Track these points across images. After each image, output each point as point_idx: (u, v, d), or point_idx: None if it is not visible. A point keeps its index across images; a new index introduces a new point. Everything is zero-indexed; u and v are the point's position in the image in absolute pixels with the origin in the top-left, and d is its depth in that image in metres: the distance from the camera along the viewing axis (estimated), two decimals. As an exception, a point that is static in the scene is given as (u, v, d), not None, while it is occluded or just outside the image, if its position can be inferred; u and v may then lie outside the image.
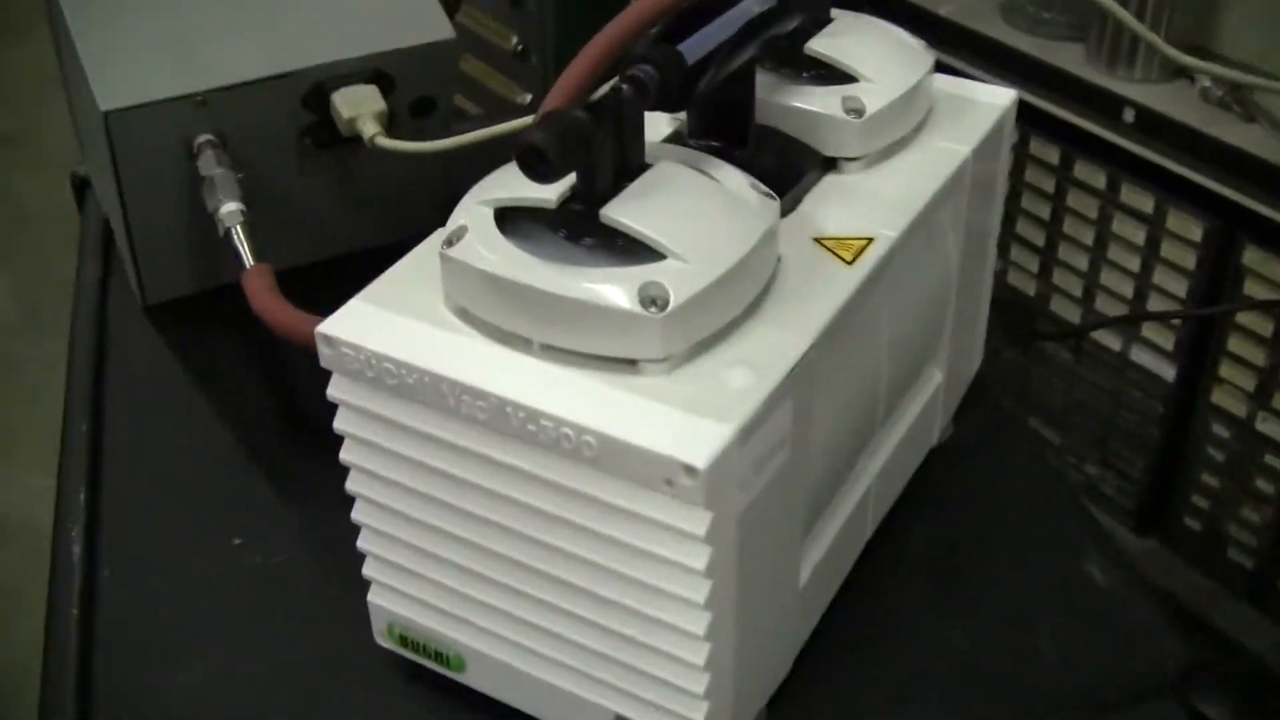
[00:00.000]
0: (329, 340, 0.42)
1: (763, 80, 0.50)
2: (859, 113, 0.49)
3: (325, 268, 0.70)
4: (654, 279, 0.39)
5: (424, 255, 0.45)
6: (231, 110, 0.62)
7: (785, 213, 0.47)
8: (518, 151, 0.38)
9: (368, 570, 0.47)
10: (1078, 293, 1.02)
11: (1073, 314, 1.04)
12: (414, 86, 0.66)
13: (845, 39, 0.51)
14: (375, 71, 0.64)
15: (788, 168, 0.49)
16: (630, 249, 0.40)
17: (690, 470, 0.36)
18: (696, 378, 0.39)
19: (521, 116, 0.62)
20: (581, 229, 0.41)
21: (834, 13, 0.54)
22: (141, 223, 0.64)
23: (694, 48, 0.43)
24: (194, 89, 0.61)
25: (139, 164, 0.62)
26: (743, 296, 0.41)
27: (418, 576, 0.46)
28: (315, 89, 0.63)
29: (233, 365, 0.66)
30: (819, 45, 0.50)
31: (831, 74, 0.50)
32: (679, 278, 0.39)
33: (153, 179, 0.63)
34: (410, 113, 0.67)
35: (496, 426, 0.40)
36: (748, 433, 0.38)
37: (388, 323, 0.42)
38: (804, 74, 0.51)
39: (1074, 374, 1.05)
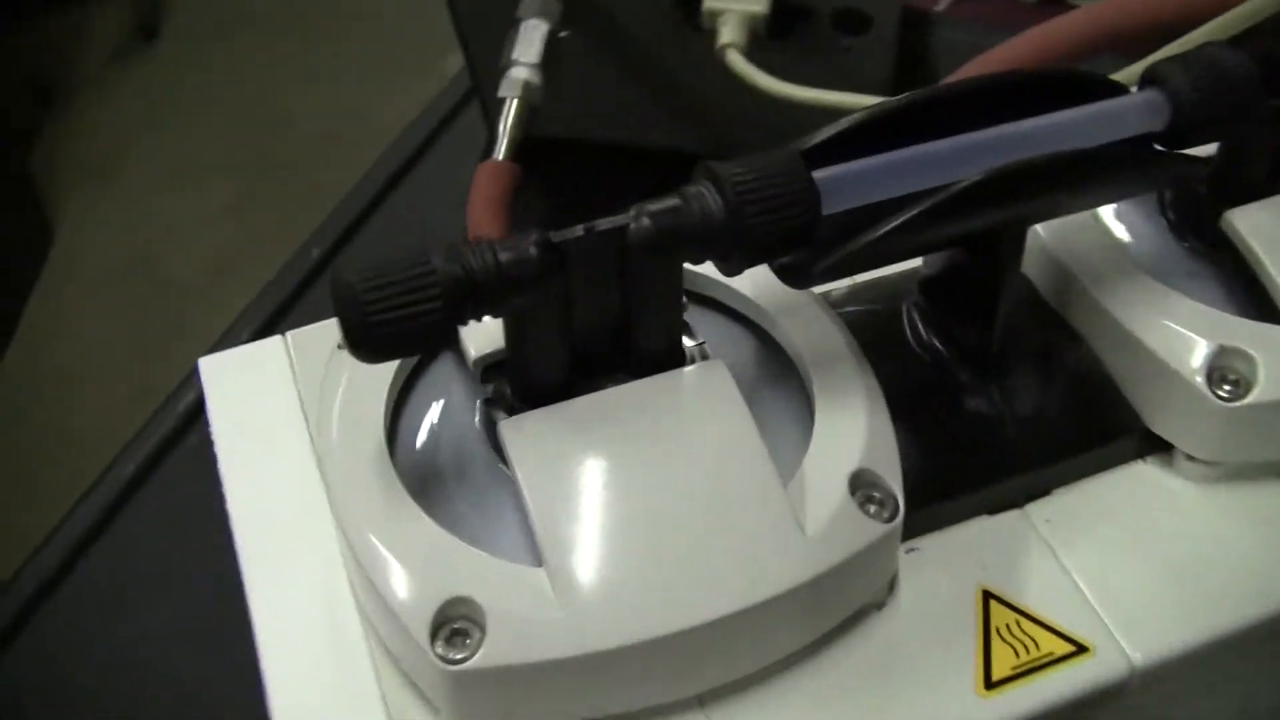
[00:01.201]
0: (200, 376, 0.29)
1: (1105, 249, 0.27)
2: (1234, 387, 0.24)
3: (665, 161, 0.54)
4: (468, 616, 0.21)
5: None
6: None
7: (990, 508, 0.25)
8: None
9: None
10: None
11: None
12: (849, -7, 0.47)
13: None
14: (781, -42, 0.46)
15: (1061, 424, 0.26)
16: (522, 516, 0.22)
17: None
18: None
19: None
20: (492, 433, 0.24)
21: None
22: (480, 55, 0.53)
23: (860, 183, 0.22)
24: (537, -90, 0.46)
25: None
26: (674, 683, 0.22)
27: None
28: (693, -44, 0.46)
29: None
30: (1245, 220, 0.26)
31: (1242, 284, 0.26)
32: (517, 611, 0.21)
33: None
34: (833, 24, 0.48)
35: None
36: None
37: (263, 394, 0.28)
38: (1200, 262, 0.27)
39: None
